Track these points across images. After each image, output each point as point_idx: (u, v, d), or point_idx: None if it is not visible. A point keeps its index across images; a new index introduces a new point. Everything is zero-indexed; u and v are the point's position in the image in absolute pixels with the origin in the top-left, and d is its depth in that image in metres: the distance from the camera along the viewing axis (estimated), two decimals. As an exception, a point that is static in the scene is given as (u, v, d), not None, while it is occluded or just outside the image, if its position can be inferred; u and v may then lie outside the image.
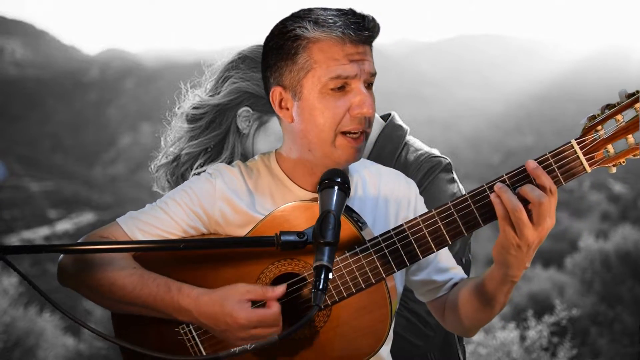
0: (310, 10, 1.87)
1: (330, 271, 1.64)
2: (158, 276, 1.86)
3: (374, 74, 1.87)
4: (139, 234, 1.92)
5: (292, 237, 1.72)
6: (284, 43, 1.85)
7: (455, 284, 1.98)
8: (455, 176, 2.55)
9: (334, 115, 1.83)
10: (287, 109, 1.89)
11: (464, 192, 2.54)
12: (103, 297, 1.89)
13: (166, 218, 1.93)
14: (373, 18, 1.86)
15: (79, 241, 1.92)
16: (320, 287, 1.61)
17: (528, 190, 1.67)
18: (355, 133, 1.85)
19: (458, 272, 2.00)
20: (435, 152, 2.58)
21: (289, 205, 1.85)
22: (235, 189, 1.96)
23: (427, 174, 2.47)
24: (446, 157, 2.56)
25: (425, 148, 2.59)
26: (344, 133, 1.84)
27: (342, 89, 1.83)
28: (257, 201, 1.95)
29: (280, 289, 1.78)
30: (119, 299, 1.86)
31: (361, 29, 1.81)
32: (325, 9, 1.86)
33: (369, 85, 1.87)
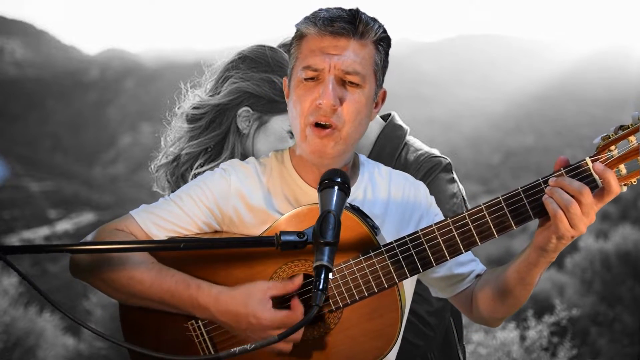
0: (320, 8, 1.92)
1: (331, 271, 1.64)
2: (176, 272, 1.86)
3: (351, 71, 1.83)
4: (153, 228, 1.92)
5: (292, 237, 1.72)
6: (293, 37, 1.94)
7: (477, 276, 1.98)
8: (455, 176, 2.55)
9: (301, 104, 1.85)
10: (289, 97, 1.95)
11: (464, 192, 2.55)
12: (118, 290, 1.89)
13: (181, 213, 1.93)
14: (359, 13, 1.85)
15: (95, 231, 1.93)
16: (320, 287, 1.61)
17: (566, 183, 1.69)
18: (322, 126, 1.84)
19: (479, 264, 2.01)
20: (435, 152, 2.58)
21: (306, 207, 1.86)
22: (250, 185, 1.96)
23: (427, 174, 2.47)
24: (446, 157, 2.56)
25: (425, 148, 2.59)
26: (312, 124, 1.85)
27: (315, 80, 1.84)
28: (272, 198, 1.95)
29: (298, 280, 1.80)
30: (135, 293, 1.86)
31: (336, 21, 1.82)
32: (332, 8, 1.89)
33: (345, 82, 1.84)
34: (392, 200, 1.99)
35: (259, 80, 2.40)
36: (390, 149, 2.57)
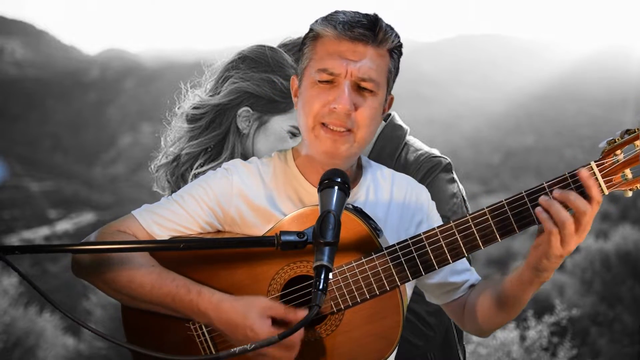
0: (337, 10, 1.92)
1: (331, 271, 1.64)
2: (177, 276, 1.86)
3: (366, 78, 1.84)
4: (156, 228, 1.92)
5: (292, 237, 1.72)
6: (305, 37, 1.94)
7: (471, 285, 1.99)
8: (455, 176, 2.55)
9: (313, 104, 1.85)
10: (297, 96, 1.95)
11: (464, 192, 2.55)
12: (119, 292, 1.89)
13: (183, 213, 1.93)
14: (378, 21, 1.86)
15: (97, 231, 1.92)
16: (320, 287, 1.61)
17: (572, 198, 1.67)
18: (337, 128, 1.85)
19: (474, 274, 2.02)
20: (435, 152, 2.58)
21: (309, 208, 1.86)
22: (252, 185, 1.96)
23: (427, 174, 2.47)
24: (446, 157, 2.56)
25: (425, 148, 2.59)
26: (324, 125, 1.85)
27: (330, 83, 1.84)
28: (274, 198, 1.95)
29: (302, 313, 1.77)
30: (136, 296, 1.87)
31: (356, 27, 1.82)
32: (349, 11, 1.89)
33: (361, 88, 1.85)
34: (393, 203, 1.99)
35: (259, 80, 2.40)
36: (390, 149, 2.57)
